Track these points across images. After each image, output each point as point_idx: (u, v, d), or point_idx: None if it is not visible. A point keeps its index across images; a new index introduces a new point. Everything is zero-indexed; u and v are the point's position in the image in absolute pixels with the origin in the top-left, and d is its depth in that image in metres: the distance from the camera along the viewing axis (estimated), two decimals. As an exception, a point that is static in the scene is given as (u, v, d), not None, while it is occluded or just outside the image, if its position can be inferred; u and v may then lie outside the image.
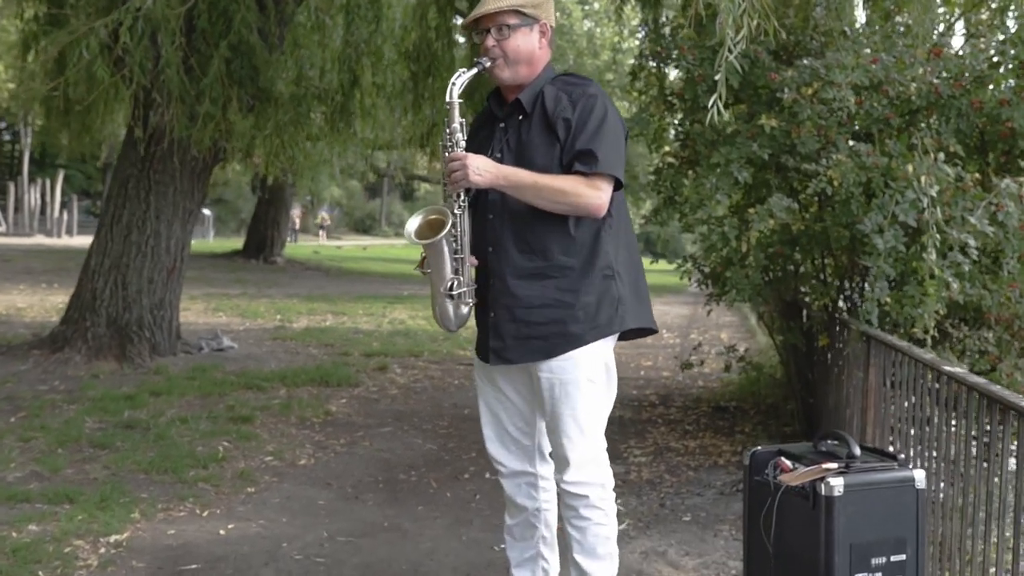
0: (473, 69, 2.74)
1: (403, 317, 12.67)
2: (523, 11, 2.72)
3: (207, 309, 12.46)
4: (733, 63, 4.09)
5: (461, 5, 8.99)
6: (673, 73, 6.18)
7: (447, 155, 2.70)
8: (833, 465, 2.70)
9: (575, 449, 2.74)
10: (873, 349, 4.04)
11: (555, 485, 2.86)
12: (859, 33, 5.49)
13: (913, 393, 3.48)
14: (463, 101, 2.74)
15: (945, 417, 3.12)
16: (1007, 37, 5.05)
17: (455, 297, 2.74)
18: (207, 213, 33.36)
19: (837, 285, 5.24)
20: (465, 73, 2.75)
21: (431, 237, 2.70)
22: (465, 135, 2.73)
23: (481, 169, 2.64)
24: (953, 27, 6.30)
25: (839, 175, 4.41)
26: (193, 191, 8.01)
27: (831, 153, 4.62)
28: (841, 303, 5.20)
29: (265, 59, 7.47)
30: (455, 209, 2.70)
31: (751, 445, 4.16)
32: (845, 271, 5.18)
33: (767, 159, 4.90)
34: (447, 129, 2.72)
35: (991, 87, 4.82)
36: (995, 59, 4.87)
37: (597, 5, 23.58)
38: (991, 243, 4.37)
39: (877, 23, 5.64)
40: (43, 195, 32.99)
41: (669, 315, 14.18)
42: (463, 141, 2.72)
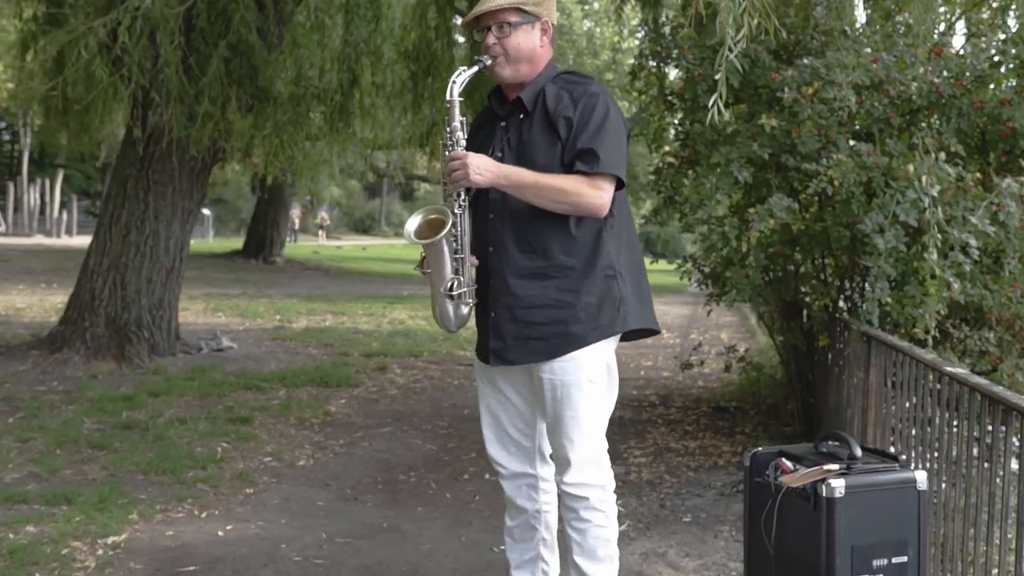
0: (474, 67, 2.72)
1: (403, 317, 12.66)
2: (524, 8, 2.69)
3: (206, 309, 12.44)
4: (733, 62, 4.08)
5: (461, 5, 8.98)
6: (673, 73, 6.18)
7: (447, 154, 2.67)
8: (834, 466, 2.69)
9: (576, 451, 2.72)
10: (874, 349, 4.03)
11: (555, 487, 2.85)
12: (860, 32, 5.48)
13: (914, 394, 3.47)
14: (463, 100, 2.71)
15: (947, 418, 3.11)
16: (1008, 36, 5.05)
17: (455, 297, 2.72)
18: (207, 213, 33.37)
19: (837, 285, 5.22)
20: (466, 71, 2.72)
21: (431, 237, 2.68)
22: (465, 134, 2.71)
23: (481, 168, 2.62)
24: (954, 26, 6.30)
25: (840, 175, 4.40)
26: (192, 191, 8.00)
27: (832, 153, 4.61)
28: (841, 303, 5.18)
29: (264, 59, 7.46)
30: (455, 209, 2.68)
31: (751, 446, 4.15)
32: (845, 271, 5.16)
33: (767, 159, 4.89)
34: (447, 128, 2.69)
35: (992, 86, 4.82)
36: (996, 58, 4.87)
37: (597, 5, 23.57)
38: (992, 243, 4.36)
39: (878, 22, 5.64)
40: (42, 195, 33.02)
41: (669, 315, 14.17)
42: (463, 140, 2.69)
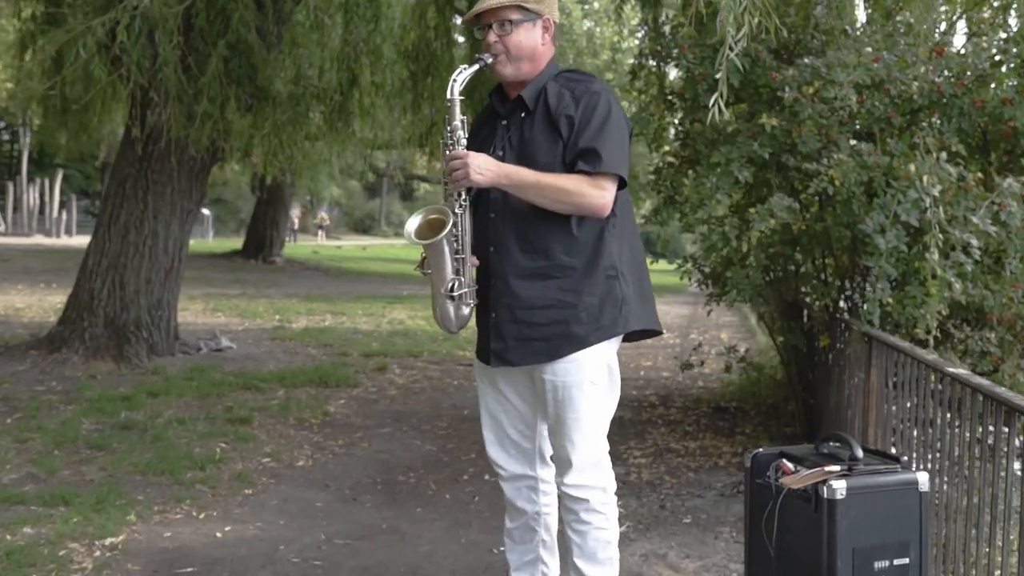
0: (475, 66, 2.69)
1: (402, 317, 12.64)
2: (526, 6, 2.67)
3: (206, 309, 12.43)
4: (734, 61, 4.07)
5: (460, 4, 8.96)
6: (673, 72, 6.16)
7: (448, 153, 2.64)
8: (835, 468, 2.67)
9: (577, 452, 2.70)
10: (875, 350, 4.02)
11: (556, 489, 2.83)
12: (860, 31, 5.47)
13: (915, 394, 3.46)
14: (464, 99, 2.69)
15: (948, 419, 3.09)
16: (1009, 36, 5.04)
17: (456, 298, 2.69)
18: (206, 213, 33.38)
19: (838, 285, 5.21)
20: (466, 70, 2.70)
21: (431, 237, 2.65)
22: (466, 133, 2.68)
23: (482, 168, 2.60)
24: (955, 26, 6.28)
25: (840, 174, 4.39)
26: (191, 191, 7.99)
27: (832, 152, 4.60)
28: (842, 303, 5.17)
29: (263, 58, 7.44)
30: (456, 208, 2.65)
31: (751, 446, 4.15)
32: (846, 271, 5.15)
33: (768, 158, 4.88)
34: (448, 127, 2.67)
35: (993, 86, 4.81)
36: (997, 58, 4.85)
37: (597, 4, 23.56)
38: (994, 243, 4.35)
39: (879, 21, 5.63)
40: (42, 195, 33.02)
41: (669, 315, 14.15)
42: (464, 139, 2.67)
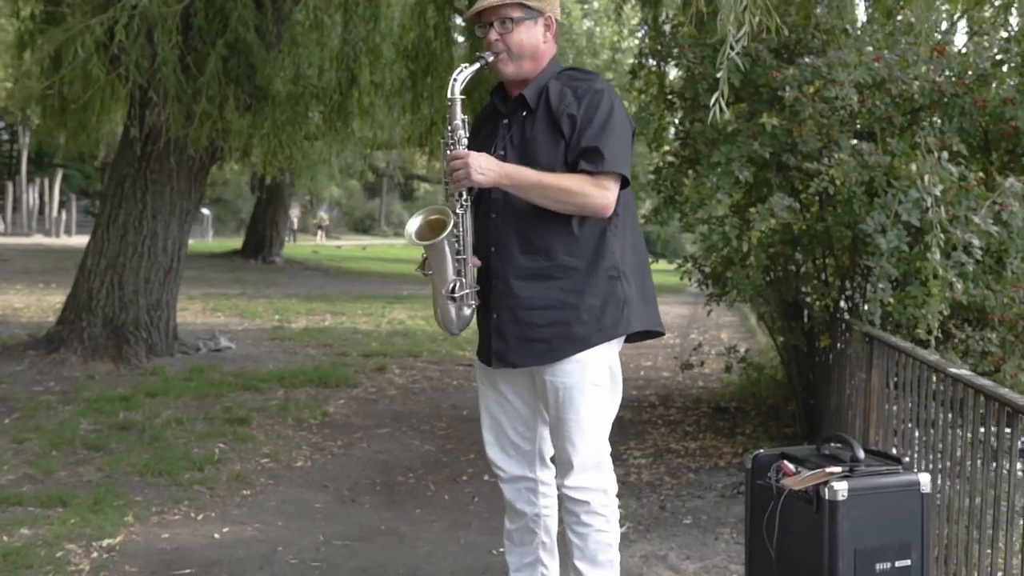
0: (475, 64, 2.67)
1: (402, 317, 12.63)
2: (527, 4, 2.65)
3: (205, 309, 12.41)
4: (734, 61, 4.05)
5: (460, 3, 8.96)
6: (673, 72, 6.14)
7: (448, 153, 2.62)
8: (837, 469, 2.66)
9: (578, 454, 2.68)
10: (876, 350, 4.00)
11: (556, 490, 2.81)
12: (861, 31, 5.45)
13: (917, 395, 3.44)
14: (464, 98, 2.67)
15: (950, 419, 3.07)
16: (1010, 35, 5.03)
17: (458, 299, 2.67)
18: (206, 213, 33.39)
19: (839, 285, 5.19)
20: (467, 68, 2.67)
21: (432, 238, 2.63)
22: (467, 132, 2.66)
23: (484, 167, 2.57)
24: (956, 25, 6.26)
25: (841, 174, 4.37)
26: (190, 191, 7.97)
27: (833, 152, 4.59)
28: (843, 303, 5.15)
29: (262, 57, 7.43)
30: (457, 209, 2.63)
31: (752, 447, 4.14)
32: (847, 271, 5.14)
33: (768, 158, 4.86)
34: (448, 126, 2.64)
35: (994, 85, 4.79)
36: (998, 57, 4.84)
37: (597, 4, 23.57)
38: (995, 243, 4.34)
39: (879, 21, 5.61)
40: (41, 195, 33.03)
41: (669, 315, 14.13)
42: (465, 139, 2.64)
